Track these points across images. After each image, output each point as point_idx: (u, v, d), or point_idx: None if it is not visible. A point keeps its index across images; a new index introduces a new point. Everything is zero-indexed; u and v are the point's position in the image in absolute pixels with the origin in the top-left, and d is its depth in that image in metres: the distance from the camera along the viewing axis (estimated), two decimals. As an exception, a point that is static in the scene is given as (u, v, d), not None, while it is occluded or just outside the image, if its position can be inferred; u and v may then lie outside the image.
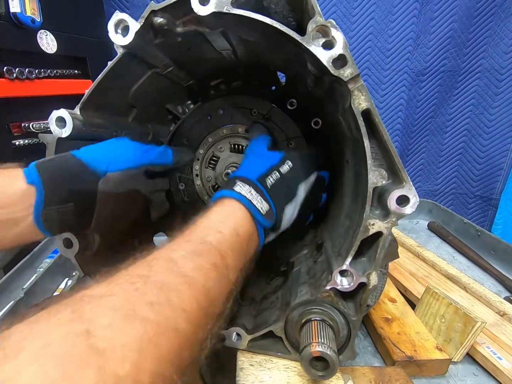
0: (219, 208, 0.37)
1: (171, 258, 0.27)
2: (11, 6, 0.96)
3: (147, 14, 0.35)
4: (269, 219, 0.39)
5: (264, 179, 0.42)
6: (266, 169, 0.44)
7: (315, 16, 0.31)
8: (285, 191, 0.44)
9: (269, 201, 0.40)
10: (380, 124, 0.32)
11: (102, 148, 0.42)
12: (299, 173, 0.47)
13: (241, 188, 0.39)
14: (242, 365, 0.39)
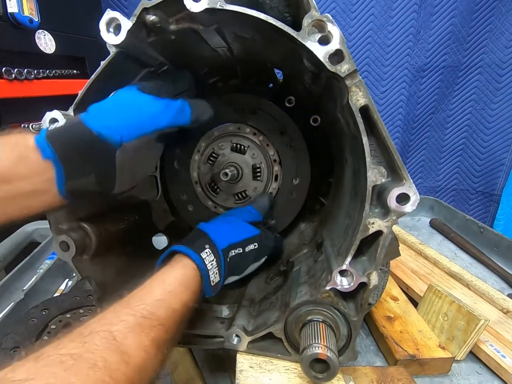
0: (177, 272, 0.38)
1: (110, 333, 0.26)
2: (9, 6, 0.95)
3: (139, 12, 0.34)
4: (214, 291, 0.41)
5: (229, 251, 0.44)
6: (236, 241, 0.46)
7: (311, 10, 0.30)
8: (238, 267, 0.47)
9: (222, 274, 0.42)
10: (379, 121, 0.32)
11: (113, 111, 0.38)
12: (257, 256, 0.49)
13: (206, 256, 0.40)
14: (242, 367, 0.39)
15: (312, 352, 0.32)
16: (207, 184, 0.63)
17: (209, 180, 0.63)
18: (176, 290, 0.35)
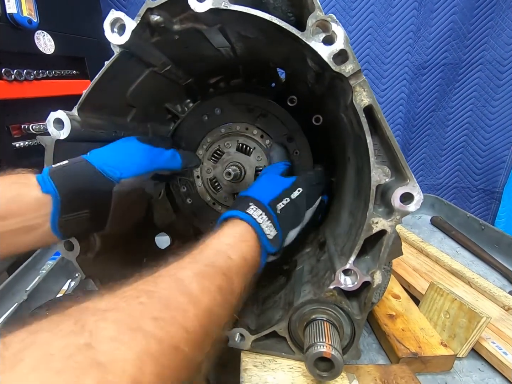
0: (230, 230, 0.38)
1: (177, 277, 0.27)
2: (8, 6, 0.95)
3: (143, 12, 0.34)
4: (274, 245, 0.40)
5: (275, 204, 0.43)
6: (278, 194, 0.45)
7: (315, 10, 0.30)
8: (293, 217, 0.45)
9: (277, 227, 0.41)
10: (383, 121, 0.32)
11: (115, 153, 0.42)
12: (308, 199, 0.48)
13: (253, 212, 0.40)
14: (246, 366, 0.39)
15: (316, 350, 0.32)
16: (209, 180, 0.63)
17: (211, 176, 0.63)
18: (231, 243, 0.35)
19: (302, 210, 0.47)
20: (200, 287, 0.27)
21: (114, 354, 0.18)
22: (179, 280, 0.27)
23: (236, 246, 0.35)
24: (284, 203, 0.44)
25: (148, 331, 0.20)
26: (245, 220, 0.39)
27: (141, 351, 0.19)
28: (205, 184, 0.64)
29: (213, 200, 0.64)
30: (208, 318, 0.26)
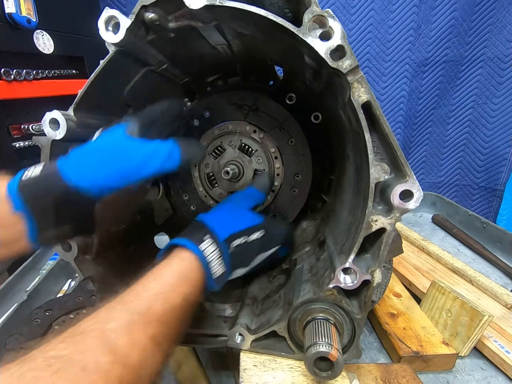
0: (175, 266, 0.35)
1: (103, 331, 0.24)
2: (6, 6, 0.94)
3: (138, 10, 0.34)
4: (218, 284, 0.39)
5: (231, 240, 0.41)
6: (238, 231, 0.43)
7: (311, 6, 0.30)
8: (244, 258, 0.44)
9: (227, 265, 0.40)
10: (381, 117, 0.31)
11: (95, 159, 0.34)
12: (264, 245, 0.46)
13: (207, 247, 0.38)
14: (246, 365, 0.39)
15: (316, 350, 0.32)
16: (206, 174, 0.62)
17: (209, 171, 0.62)
18: (174, 284, 0.33)
19: (255, 253, 0.45)
20: (128, 341, 0.25)
21: None
22: (103, 336, 0.24)
23: (180, 288, 0.33)
24: (240, 241, 0.43)
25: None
26: (195, 254, 0.37)
27: None
28: (201, 177, 0.63)
29: (205, 193, 0.64)
30: (137, 374, 0.24)
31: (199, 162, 0.62)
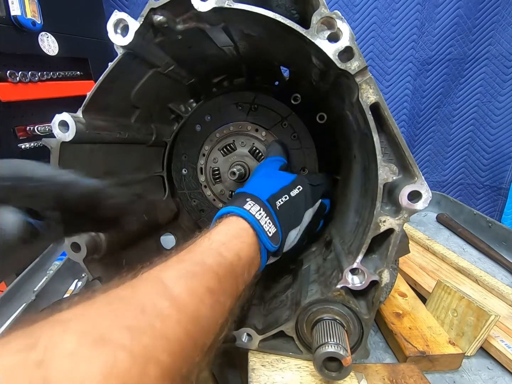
0: (224, 227, 0.35)
1: (160, 279, 0.24)
2: (12, 9, 0.95)
3: (147, 12, 0.34)
4: (275, 243, 0.37)
5: (274, 200, 0.40)
6: (277, 190, 0.42)
7: (320, 7, 0.30)
8: (292, 215, 0.42)
9: (277, 224, 0.38)
10: (390, 118, 0.31)
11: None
12: (307, 199, 0.45)
13: (251, 207, 0.37)
14: (254, 365, 0.39)
15: (325, 350, 0.32)
16: (212, 168, 0.62)
17: (215, 167, 0.62)
18: (224, 240, 0.32)
19: (301, 210, 0.44)
20: (185, 289, 0.24)
21: (71, 372, 0.15)
22: (161, 283, 0.24)
23: (230, 243, 0.32)
24: (283, 200, 0.41)
25: (117, 342, 0.17)
26: (241, 216, 0.36)
27: (105, 366, 0.16)
28: (206, 171, 0.63)
29: (205, 184, 0.64)
30: (195, 323, 0.23)
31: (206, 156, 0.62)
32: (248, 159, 0.59)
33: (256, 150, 0.58)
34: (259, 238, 0.36)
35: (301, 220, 0.44)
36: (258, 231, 0.36)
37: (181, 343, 0.21)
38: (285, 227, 0.40)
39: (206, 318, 0.24)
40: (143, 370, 0.17)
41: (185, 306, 0.23)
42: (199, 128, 0.60)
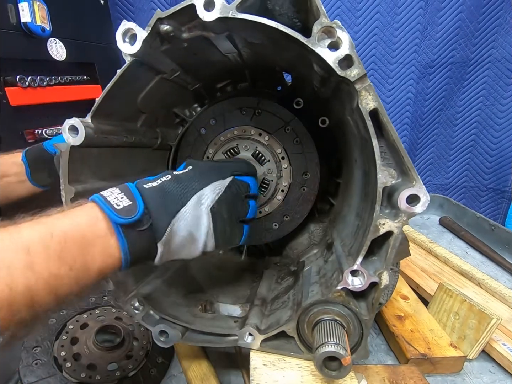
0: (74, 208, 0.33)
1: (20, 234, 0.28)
2: (22, 16, 0.98)
3: (154, 22, 0.36)
4: (125, 215, 0.32)
5: (145, 182, 0.37)
6: (155, 176, 0.38)
7: (320, 17, 0.31)
8: (174, 194, 0.37)
9: (137, 199, 0.34)
10: (389, 124, 0.32)
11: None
12: (200, 177, 0.39)
13: (106, 192, 0.35)
14: (256, 364, 0.40)
15: (325, 350, 0.33)
16: None
17: None
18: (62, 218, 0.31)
19: (189, 188, 0.38)
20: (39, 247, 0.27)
21: None
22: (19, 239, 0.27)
23: (63, 219, 0.31)
24: (161, 180, 0.37)
25: None
26: (92, 199, 0.34)
27: None
28: None
29: None
30: (44, 284, 0.27)
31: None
32: (251, 161, 0.60)
33: (259, 153, 0.59)
34: (103, 210, 0.32)
35: (188, 200, 0.37)
36: (100, 204, 0.33)
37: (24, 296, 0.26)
38: (162, 206, 0.35)
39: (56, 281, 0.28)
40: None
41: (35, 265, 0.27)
42: (204, 132, 0.62)
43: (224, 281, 0.59)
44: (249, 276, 0.62)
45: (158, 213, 0.35)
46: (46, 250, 0.28)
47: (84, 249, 0.30)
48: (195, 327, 0.45)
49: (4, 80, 0.97)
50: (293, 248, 0.66)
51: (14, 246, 0.28)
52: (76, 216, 0.32)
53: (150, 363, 0.54)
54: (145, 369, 0.53)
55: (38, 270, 0.27)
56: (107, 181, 0.50)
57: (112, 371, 0.51)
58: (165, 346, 0.44)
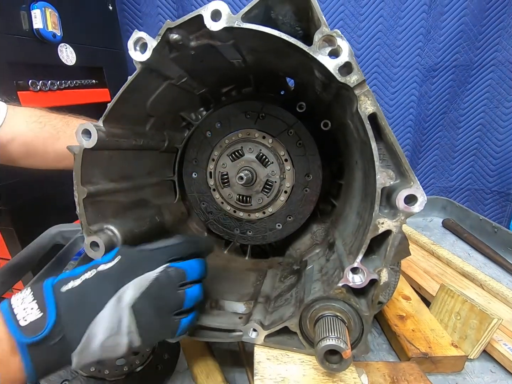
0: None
1: None
2: (34, 22, 1.01)
3: (164, 32, 0.38)
4: (33, 334, 0.30)
5: (66, 282, 0.34)
6: (84, 268, 0.36)
7: (321, 27, 0.33)
8: (92, 297, 0.34)
9: (48, 309, 0.31)
10: (387, 127, 0.34)
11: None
12: (126, 271, 0.36)
13: (19, 295, 0.32)
14: (260, 359, 0.41)
15: (326, 343, 0.34)
16: (220, 173, 0.64)
17: (224, 171, 0.64)
18: None
19: (111, 286, 0.34)
20: None
21: None
22: None
23: None
24: (79, 281, 0.34)
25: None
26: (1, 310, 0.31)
27: None
28: (215, 175, 0.65)
29: (214, 187, 0.66)
30: None
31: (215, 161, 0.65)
32: (255, 164, 0.61)
33: (263, 156, 0.61)
34: (8, 328, 0.30)
35: (109, 298, 0.34)
36: (6, 320, 0.30)
37: None
38: (77, 311, 0.33)
39: None
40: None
41: None
42: (209, 135, 0.63)
43: (229, 280, 0.61)
44: (253, 275, 0.63)
45: (72, 324, 0.32)
46: None
47: None
48: (201, 323, 0.47)
49: (16, 84, 1.01)
50: (296, 248, 0.67)
51: None
52: None
53: (157, 359, 0.55)
54: (151, 364, 0.54)
55: None
56: (116, 182, 0.52)
57: (120, 366, 0.52)
58: (173, 341, 0.46)
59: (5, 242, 1.08)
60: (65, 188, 0.80)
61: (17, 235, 1.05)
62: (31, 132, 0.64)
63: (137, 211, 0.56)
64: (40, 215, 1.11)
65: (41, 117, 0.67)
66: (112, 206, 0.50)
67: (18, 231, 1.05)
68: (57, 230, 1.00)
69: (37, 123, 0.65)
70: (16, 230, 1.05)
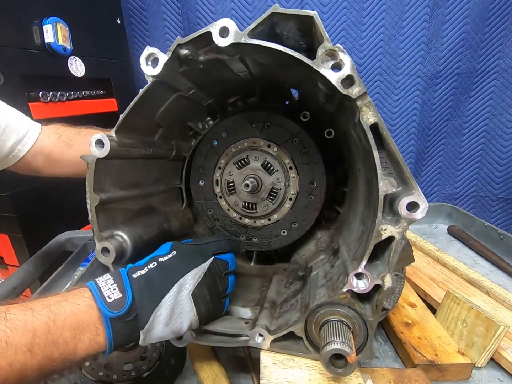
0: (68, 293, 0.37)
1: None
2: (46, 37, 1.06)
3: (174, 47, 0.40)
4: (116, 310, 0.37)
5: (135, 270, 0.41)
6: (145, 260, 0.43)
7: (324, 42, 0.34)
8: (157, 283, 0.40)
9: (127, 292, 0.38)
10: (388, 136, 0.35)
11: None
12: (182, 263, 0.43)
13: (103, 277, 0.39)
14: (266, 363, 0.42)
15: (331, 348, 0.35)
16: (226, 181, 0.66)
17: (230, 179, 0.65)
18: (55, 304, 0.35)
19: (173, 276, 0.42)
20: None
21: None
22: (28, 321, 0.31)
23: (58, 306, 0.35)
24: (148, 267, 0.41)
25: None
26: (87, 286, 0.38)
27: None
28: (222, 183, 0.66)
29: (221, 193, 0.67)
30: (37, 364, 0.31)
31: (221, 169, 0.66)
32: (261, 172, 0.63)
33: (268, 164, 0.63)
34: (97, 304, 0.37)
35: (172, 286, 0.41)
36: (94, 295, 0.37)
37: None
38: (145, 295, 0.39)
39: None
40: None
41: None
42: (216, 143, 0.65)
43: (235, 286, 0.61)
44: (259, 281, 0.64)
45: (143, 305, 0.39)
46: (47, 336, 0.33)
47: (76, 335, 0.35)
48: (208, 327, 0.47)
49: (28, 96, 1.04)
50: (301, 254, 0.68)
51: (24, 327, 0.32)
52: (75, 304, 0.36)
53: (163, 364, 0.56)
54: (158, 370, 0.55)
55: (36, 352, 0.32)
56: (126, 190, 0.54)
57: (128, 371, 0.53)
58: (180, 346, 0.47)
59: (13, 249, 1.11)
60: (72, 196, 0.82)
61: (25, 242, 1.07)
62: (51, 143, 0.72)
63: (145, 217, 0.57)
64: (48, 223, 1.13)
65: (58, 129, 0.74)
66: (122, 213, 0.52)
67: (26, 238, 1.07)
68: (65, 237, 1.02)
69: (55, 134, 0.73)
70: (24, 237, 1.07)
